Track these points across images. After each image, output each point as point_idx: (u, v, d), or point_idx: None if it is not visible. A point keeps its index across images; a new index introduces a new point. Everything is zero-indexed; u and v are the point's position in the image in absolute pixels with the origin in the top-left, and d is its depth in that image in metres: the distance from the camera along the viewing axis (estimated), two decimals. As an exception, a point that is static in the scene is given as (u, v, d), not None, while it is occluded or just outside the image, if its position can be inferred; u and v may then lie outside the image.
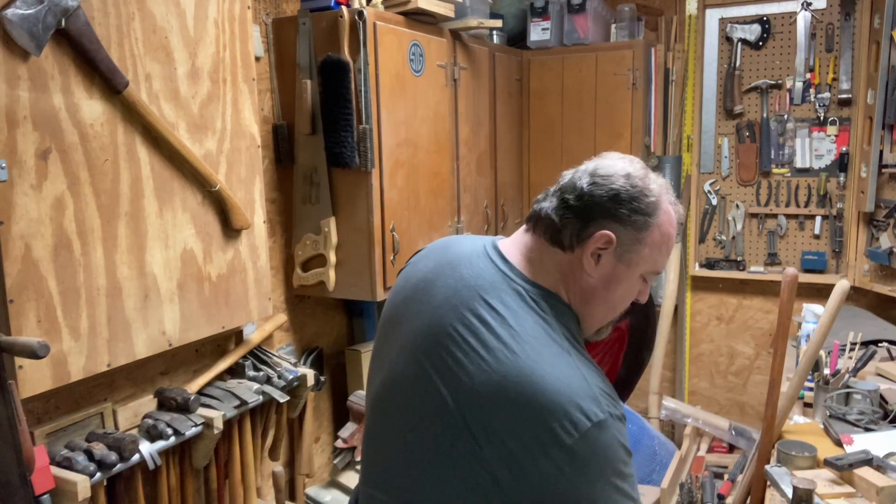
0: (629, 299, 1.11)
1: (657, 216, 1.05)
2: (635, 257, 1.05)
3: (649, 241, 1.05)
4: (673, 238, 1.09)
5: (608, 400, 0.96)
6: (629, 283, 1.08)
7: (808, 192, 3.21)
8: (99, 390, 1.70)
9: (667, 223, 1.07)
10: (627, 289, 1.09)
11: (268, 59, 2.21)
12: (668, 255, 1.10)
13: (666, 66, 3.37)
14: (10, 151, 1.36)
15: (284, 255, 2.31)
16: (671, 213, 1.09)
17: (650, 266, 1.08)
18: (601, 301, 1.07)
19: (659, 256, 1.08)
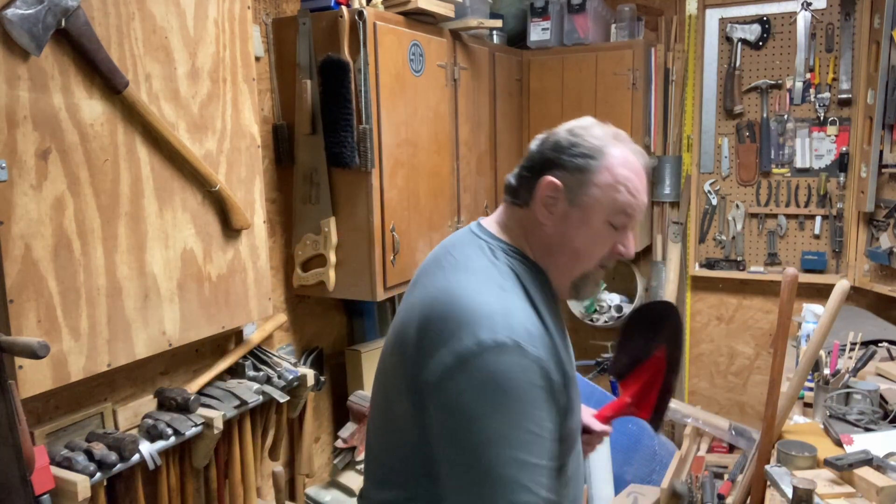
0: (600, 248, 1.10)
1: (603, 158, 1.08)
2: (587, 199, 1.08)
3: (599, 181, 1.07)
4: (635, 180, 1.09)
5: (528, 337, 0.99)
6: (590, 229, 1.08)
7: (808, 192, 3.21)
8: (99, 390, 1.70)
9: (619, 165, 1.08)
10: (591, 236, 1.09)
11: (268, 59, 2.21)
12: (634, 198, 1.09)
13: (666, 66, 3.37)
14: (10, 151, 1.36)
15: (284, 255, 2.31)
16: (625, 156, 1.10)
17: (610, 208, 1.08)
18: (563, 250, 1.10)
19: (618, 197, 1.08)
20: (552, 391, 1.01)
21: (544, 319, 1.07)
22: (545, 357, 1.00)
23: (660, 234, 3.49)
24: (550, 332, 1.07)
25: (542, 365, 0.99)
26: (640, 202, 1.10)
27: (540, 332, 1.03)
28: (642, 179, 1.11)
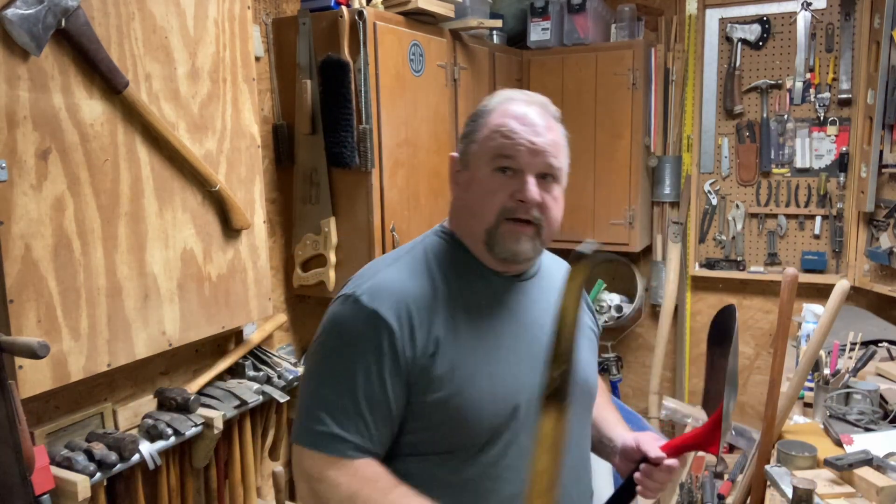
0: (492, 198, 1.09)
1: (483, 117, 1.12)
2: (472, 157, 1.12)
3: (478, 137, 1.12)
4: (512, 123, 1.09)
5: (371, 292, 1.06)
6: (479, 183, 1.10)
7: (808, 192, 3.21)
8: (99, 390, 1.70)
9: (496, 117, 1.11)
10: (482, 189, 1.10)
11: (268, 59, 2.21)
12: (509, 139, 1.09)
13: (666, 66, 3.37)
14: (10, 151, 1.36)
15: (284, 255, 2.31)
16: (505, 107, 1.12)
17: (489, 156, 1.10)
18: (465, 213, 1.14)
19: (493, 144, 1.10)
20: (390, 344, 1.03)
21: (442, 290, 1.09)
22: (385, 311, 1.04)
23: (660, 234, 3.49)
24: (441, 302, 1.08)
25: (376, 316, 1.04)
26: (518, 142, 1.09)
27: (395, 292, 1.06)
28: (525, 121, 1.10)
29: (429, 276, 1.10)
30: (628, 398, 3.66)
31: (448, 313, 1.07)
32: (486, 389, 1.06)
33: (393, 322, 1.04)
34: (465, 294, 1.11)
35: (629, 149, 3.16)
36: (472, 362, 1.07)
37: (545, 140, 1.10)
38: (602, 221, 3.25)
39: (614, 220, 3.23)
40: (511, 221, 1.09)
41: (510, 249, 1.10)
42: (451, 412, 1.04)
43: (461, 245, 1.15)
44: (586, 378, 1.22)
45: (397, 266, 1.12)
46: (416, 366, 1.04)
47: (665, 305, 3.45)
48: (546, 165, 1.10)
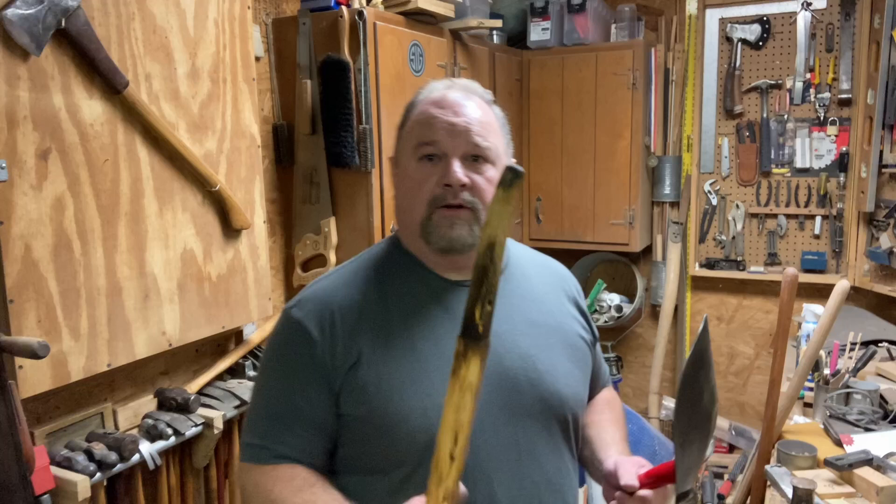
0: (420, 187, 1.05)
1: (410, 112, 1.11)
2: (400, 155, 1.11)
3: (404, 133, 1.11)
4: (431, 110, 1.06)
5: (299, 302, 1.07)
6: (407, 175, 1.08)
7: (808, 192, 3.21)
8: (99, 390, 1.70)
9: (419, 109, 1.08)
10: (410, 181, 1.07)
11: (268, 59, 2.21)
12: (429, 126, 1.06)
13: (666, 66, 3.37)
14: (10, 151, 1.36)
15: (284, 255, 2.31)
16: (427, 97, 1.09)
17: (412, 147, 1.07)
18: (399, 208, 1.12)
19: (414, 134, 1.07)
20: (311, 354, 1.02)
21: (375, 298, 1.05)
22: (307, 321, 1.03)
23: (660, 234, 3.49)
24: (373, 310, 1.04)
25: (298, 326, 1.04)
26: (436, 125, 1.04)
27: (321, 302, 1.05)
28: (442, 103, 1.06)
29: (363, 285, 1.07)
30: (628, 398, 3.66)
31: (379, 322, 1.03)
32: (416, 403, 0.98)
33: (314, 331, 1.02)
34: (402, 301, 1.06)
35: (629, 149, 3.16)
36: (403, 374, 1.00)
37: (466, 119, 1.04)
38: (602, 221, 3.25)
39: (614, 220, 3.23)
40: (443, 209, 1.03)
41: (445, 237, 1.04)
42: (376, 426, 0.99)
43: (403, 249, 1.12)
44: (556, 390, 1.08)
45: (335, 275, 1.11)
46: (339, 376, 1.01)
47: (665, 305, 3.45)
48: (471, 145, 1.04)
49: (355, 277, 1.09)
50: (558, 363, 1.10)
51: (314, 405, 1.02)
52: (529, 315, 1.11)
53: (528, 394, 1.05)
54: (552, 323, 1.14)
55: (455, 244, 1.04)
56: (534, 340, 1.09)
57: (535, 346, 1.08)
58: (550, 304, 1.17)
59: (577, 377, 1.15)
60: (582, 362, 1.17)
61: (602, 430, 1.22)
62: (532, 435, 1.06)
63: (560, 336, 1.14)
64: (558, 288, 1.21)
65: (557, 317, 1.16)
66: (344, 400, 1.01)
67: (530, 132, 3.33)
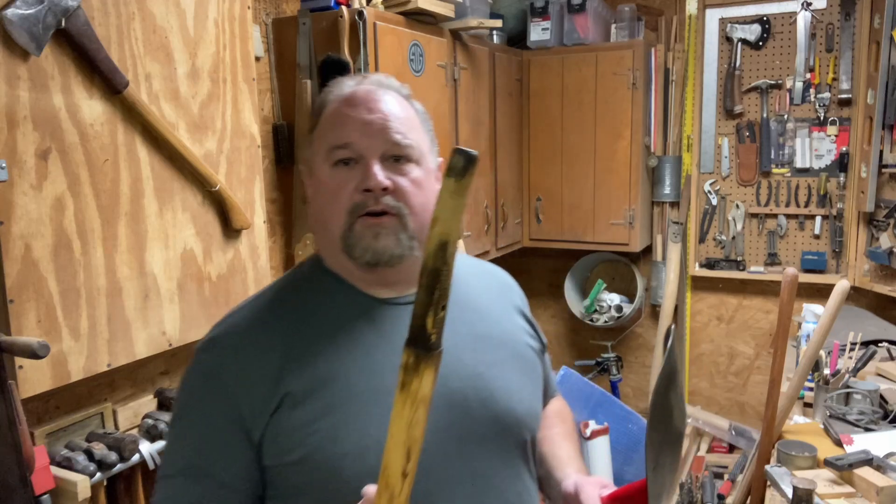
0: (337, 198, 0.94)
1: (320, 116, 0.99)
2: (313, 164, 0.99)
3: (314, 139, 0.99)
4: (342, 110, 0.96)
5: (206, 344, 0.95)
6: (323, 185, 0.96)
7: (808, 192, 3.21)
8: (99, 390, 1.70)
9: (328, 110, 0.98)
10: (326, 191, 0.95)
11: (268, 59, 2.21)
12: (340, 128, 0.96)
13: (666, 66, 3.37)
14: (10, 151, 1.36)
15: (284, 255, 2.31)
16: (336, 97, 0.98)
17: (324, 154, 0.96)
18: (316, 223, 1.00)
19: (326, 139, 0.97)
20: (228, 405, 0.88)
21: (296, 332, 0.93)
22: (221, 367, 0.91)
23: (660, 234, 3.49)
24: (295, 346, 0.91)
25: (210, 371, 0.92)
26: (349, 125, 0.94)
27: (236, 342, 0.93)
28: (354, 101, 0.96)
29: (283, 314, 0.95)
30: (628, 398, 3.66)
31: (303, 356, 0.91)
32: (353, 443, 0.87)
33: (226, 375, 0.90)
34: (329, 329, 0.94)
35: (629, 149, 3.16)
36: (335, 413, 0.88)
37: (382, 115, 0.94)
38: (602, 221, 3.25)
39: (614, 220, 3.23)
40: (364, 217, 0.92)
41: (370, 248, 0.92)
42: (308, 476, 0.87)
43: (326, 269, 1.00)
44: (511, 409, 0.98)
45: (250, 307, 0.98)
46: (259, 423, 0.88)
47: (665, 305, 3.45)
48: (390, 144, 0.94)
49: (273, 307, 0.97)
50: (510, 379, 1.00)
51: (231, 460, 0.89)
52: (474, 328, 1.01)
53: (480, 416, 0.94)
54: (499, 335, 1.04)
55: (382, 256, 0.93)
56: (481, 356, 0.98)
57: (484, 363, 0.98)
58: (496, 315, 1.06)
59: (531, 392, 1.05)
60: (534, 374, 1.08)
61: (556, 445, 1.13)
62: (488, 461, 0.95)
63: (509, 348, 1.04)
64: (502, 296, 1.12)
65: (504, 327, 1.06)
66: (268, 450, 0.88)
67: (530, 132, 3.33)
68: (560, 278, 3.62)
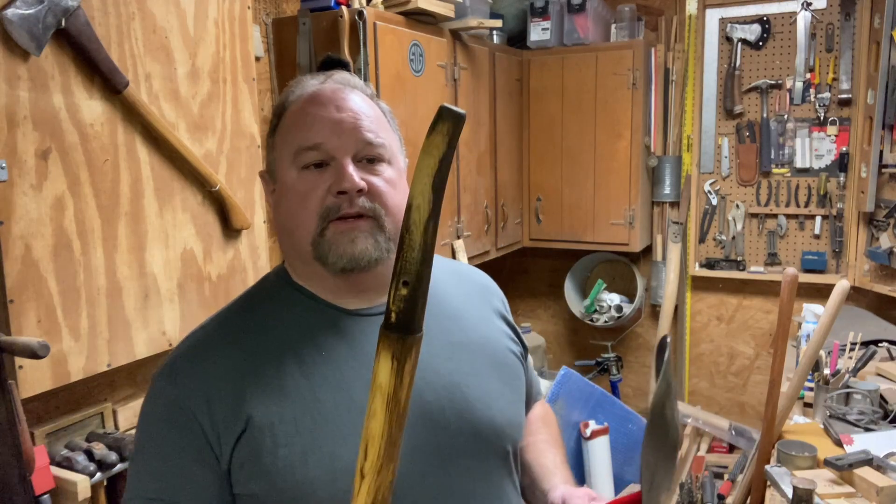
0: (308, 202, 0.89)
1: (282, 116, 0.94)
2: (276, 167, 0.93)
3: (277, 141, 0.94)
4: (307, 110, 0.91)
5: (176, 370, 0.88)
6: (290, 190, 0.90)
7: (808, 192, 3.21)
8: (99, 390, 1.70)
9: (291, 111, 0.93)
10: (294, 196, 0.90)
11: (268, 59, 2.21)
12: (307, 129, 0.90)
13: (666, 66, 3.37)
14: (10, 151, 1.36)
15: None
16: (299, 96, 0.94)
17: (291, 157, 0.90)
18: (281, 230, 0.94)
19: (292, 143, 0.91)
20: (187, 430, 0.84)
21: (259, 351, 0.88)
22: (183, 394, 0.85)
23: (660, 234, 3.49)
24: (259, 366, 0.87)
25: (170, 398, 0.86)
26: (318, 125, 0.89)
27: (198, 367, 0.87)
28: (320, 99, 0.91)
29: (246, 332, 0.90)
30: (628, 398, 3.66)
31: (269, 376, 0.86)
32: (323, 467, 0.83)
33: (188, 402, 0.84)
34: (296, 345, 0.88)
35: (629, 149, 3.16)
36: (304, 435, 0.84)
37: (353, 114, 0.90)
38: (602, 221, 3.25)
39: (614, 220, 3.23)
40: (338, 221, 0.88)
41: (346, 254, 0.87)
42: (286, 500, 0.83)
43: (292, 283, 0.95)
44: (490, 420, 0.93)
45: (211, 326, 0.94)
46: (226, 450, 0.84)
47: (665, 305, 3.45)
48: (363, 143, 0.89)
49: (234, 324, 0.92)
50: (489, 388, 0.95)
51: (199, 491, 0.84)
52: (450, 336, 0.96)
53: (457, 429, 0.90)
54: (477, 341, 0.99)
55: (360, 261, 0.88)
56: (458, 365, 0.94)
57: (460, 372, 0.93)
58: (473, 320, 1.02)
59: (513, 400, 1.00)
60: (515, 381, 1.03)
61: (540, 453, 1.09)
62: (467, 476, 0.91)
63: (488, 355, 0.99)
64: (481, 300, 1.07)
65: (483, 332, 1.01)
66: (236, 477, 0.84)
67: (530, 132, 3.33)
68: (560, 278, 3.62)
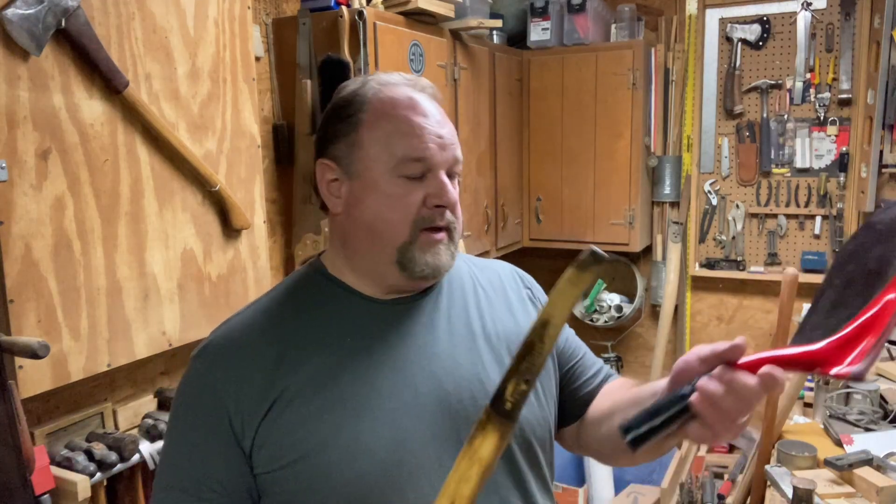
0: (402, 211, 0.90)
1: (364, 107, 0.92)
2: (361, 164, 0.91)
3: (366, 138, 0.91)
4: (411, 116, 0.90)
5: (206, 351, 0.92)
6: (379, 194, 0.90)
7: (808, 192, 3.21)
8: (99, 390, 1.70)
9: (385, 106, 0.91)
10: (384, 202, 0.90)
11: (268, 59, 2.21)
12: (417, 138, 0.90)
13: (666, 66, 3.37)
14: (10, 151, 1.36)
15: (284, 255, 2.31)
16: (390, 92, 0.93)
17: (391, 162, 0.90)
18: (357, 233, 0.93)
19: (396, 145, 0.90)
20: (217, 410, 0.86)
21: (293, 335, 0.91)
22: (216, 374, 0.88)
23: (660, 234, 3.49)
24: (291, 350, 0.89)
25: (202, 377, 0.89)
26: (426, 139, 0.90)
27: (232, 349, 0.90)
28: (422, 110, 0.91)
29: (280, 321, 0.93)
30: (628, 398, 3.66)
31: (297, 362, 0.88)
32: (349, 447, 0.85)
33: (219, 383, 0.87)
34: (324, 334, 0.91)
35: (629, 149, 3.16)
36: (332, 416, 0.86)
37: (449, 130, 0.93)
38: (602, 221, 3.25)
39: (614, 220, 3.23)
40: (427, 232, 0.91)
41: (431, 265, 0.91)
42: (305, 481, 0.85)
43: (329, 276, 0.97)
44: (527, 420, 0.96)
45: (247, 313, 0.96)
46: (249, 432, 0.86)
47: (665, 305, 3.45)
48: (454, 160, 0.93)
49: (270, 312, 0.95)
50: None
51: (226, 471, 0.86)
52: (473, 328, 0.98)
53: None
54: (501, 333, 1.00)
55: (440, 271, 0.93)
56: (479, 357, 0.96)
57: (481, 363, 0.95)
58: (498, 312, 1.03)
59: (538, 392, 0.99)
60: (548, 387, 1.02)
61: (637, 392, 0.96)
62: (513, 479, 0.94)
63: (512, 348, 0.98)
64: (508, 290, 1.08)
65: (507, 325, 1.02)
66: (257, 458, 0.86)
67: (530, 132, 3.33)
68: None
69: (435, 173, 0.91)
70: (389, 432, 0.87)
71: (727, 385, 0.70)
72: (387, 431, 0.86)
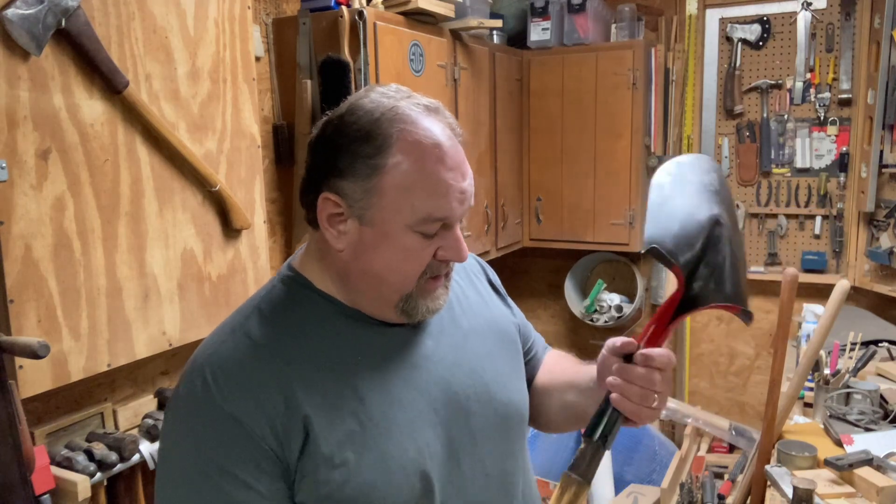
0: (412, 264, 0.87)
1: (387, 155, 0.83)
2: (376, 214, 0.84)
3: (386, 187, 0.83)
4: (441, 171, 0.84)
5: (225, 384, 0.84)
6: (393, 246, 0.86)
7: (808, 192, 3.21)
8: (99, 390, 1.70)
9: (409, 155, 0.83)
10: (397, 254, 0.86)
11: (268, 59, 2.21)
12: (443, 198, 0.85)
13: (666, 66, 3.37)
14: (10, 151, 1.36)
15: (284, 255, 2.31)
16: (412, 135, 0.84)
17: (411, 218, 0.84)
18: (363, 277, 0.89)
19: (419, 202, 0.84)
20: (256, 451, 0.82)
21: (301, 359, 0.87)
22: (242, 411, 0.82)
23: (660, 234, 3.48)
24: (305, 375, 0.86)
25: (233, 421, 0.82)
26: (451, 197, 0.85)
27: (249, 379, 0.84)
28: (451, 165, 0.85)
29: (279, 344, 0.87)
30: (628, 398, 3.65)
31: (313, 386, 0.85)
32: (378, 468, 0.84)
33: (253, 423, 0.81)
34: (333, 355, 0.88)
35: (629, 149, 3.16)
36: (358, 439, 0.84)
37: (469, 182, 0.88)
38: (602, 221, 3.25)
39: (614, 220, 3.23)
40: (430, 280, 0.90)
41: (431, 309, 0.91)
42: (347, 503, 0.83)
43: (317, 291, 0.92)
44: (509, 400, 1.00)
45: (244, 336, 0.88)
46: (292, 459, 0.83)
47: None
48: (466, 212, 0.89)
49: (265, 334, 0.88)
50: (502, 369, 1.01)
51: (274, 495, 0.83)
52: (461, 324, 1.00)
53: (482, 415, 0.96)
54: (484, 324, 1.03)
55: (436, 312, 0.93)
56: (473, 351, 0.99)
57: (477, 357, 0.98)
58: (476, 304, 1.05)
59: (519, 374, 1.06)
60: (517, 354, 1.08)
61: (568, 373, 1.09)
62: (498, 457, 0.97)
63: (495, 335, 1.04)
64: (477, 280, 1.10)
65: (485, 314, 1.05)
66: (301, 488, 0.83)
67: (530, 132, 3.33)
68: (560, 278, 3.62)
69: (450, 228, 0.88)
70: (412, 443, 0.88)
71: (624, 378, 0.85)
72: (410, 443, 0.88)
